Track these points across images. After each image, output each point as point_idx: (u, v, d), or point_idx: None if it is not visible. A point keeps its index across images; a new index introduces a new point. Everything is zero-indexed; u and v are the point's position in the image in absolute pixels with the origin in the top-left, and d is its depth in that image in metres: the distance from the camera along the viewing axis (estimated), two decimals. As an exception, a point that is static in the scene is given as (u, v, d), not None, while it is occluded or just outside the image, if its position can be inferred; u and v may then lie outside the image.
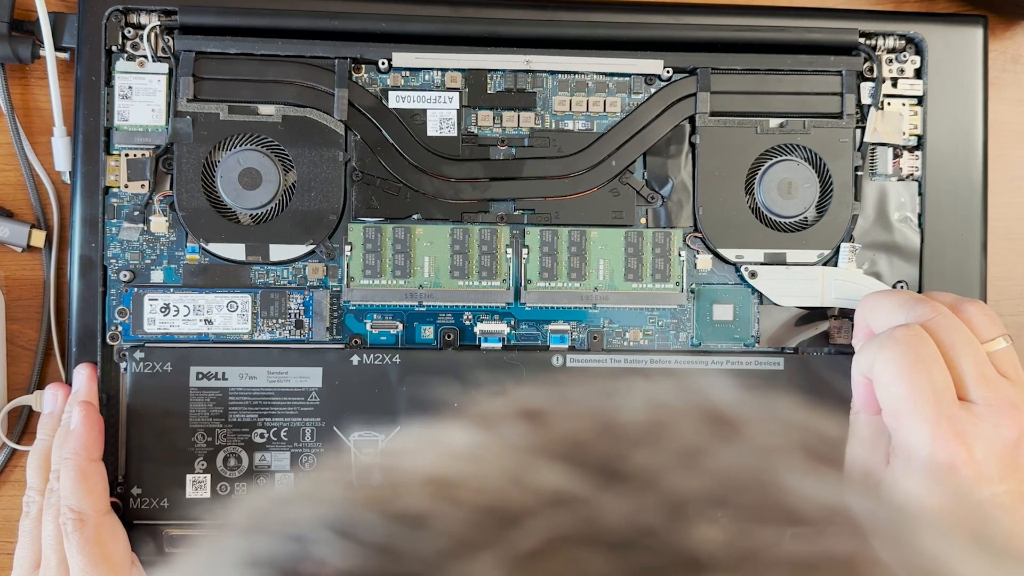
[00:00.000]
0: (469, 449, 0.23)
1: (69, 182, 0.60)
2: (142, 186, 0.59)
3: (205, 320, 0.59)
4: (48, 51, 0.59)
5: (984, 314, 0.53)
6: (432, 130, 0.60)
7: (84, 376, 0.58)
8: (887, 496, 0.23)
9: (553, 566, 0.19)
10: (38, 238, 0.61)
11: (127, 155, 0.59)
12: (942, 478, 0.49)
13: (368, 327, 0.60)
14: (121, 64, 0.59)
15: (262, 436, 0.59)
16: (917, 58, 0.62)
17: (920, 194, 0.62)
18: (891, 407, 0.51)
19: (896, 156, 0.62)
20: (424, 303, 0.60)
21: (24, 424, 0.61)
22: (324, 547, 0.21)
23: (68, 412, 0.57)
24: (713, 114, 0.61)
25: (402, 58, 0.60)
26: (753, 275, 0.61)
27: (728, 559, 0.20)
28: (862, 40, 0.62)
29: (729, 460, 0.22)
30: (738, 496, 0.21)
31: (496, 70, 0.61)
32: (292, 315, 0.60)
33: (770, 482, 0.22)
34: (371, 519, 0.21)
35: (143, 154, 0.59)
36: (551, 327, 0.60)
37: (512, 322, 0.61)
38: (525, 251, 0.60)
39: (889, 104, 0.62)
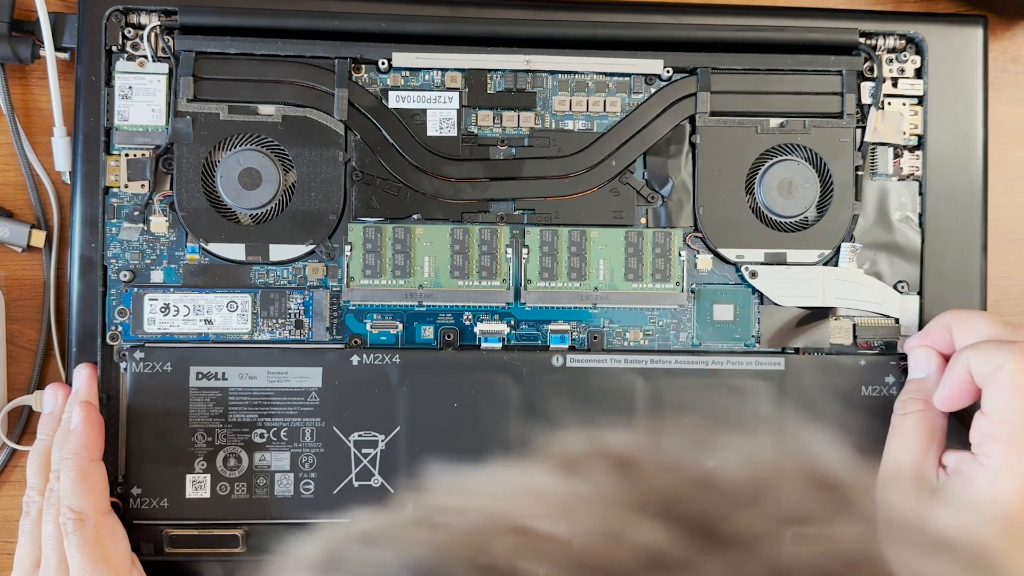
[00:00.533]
0: (556, 496, 0.22)
1: (69, 182, 0.60)
2: (142, 186, 0.59)
3: (205, 320, 0.59)
4: (48, 51, 0.59)
5: None
6: (432, 130, 0.60)
7: (84, 376, 0.58)
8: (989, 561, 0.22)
9: None
10: (38, 238, 0.61)
11: (127, 155, 0.59)
12: (1008, 508, 0.50)
13: (368, 327, 0.60)
14: (121, 64, 0.59)
15: (262, 436, 0.59)
16: (917, 58, 0.62)
17: (921, 194, 0.62)
18: (1001, 418, 0.52)
19: (896, 156, 0.62)
20: (424, 303, 0.60)
21: (24, 424, 0.61)
22: None
23: (68, 412, 0.57)
24: (713, 114, 0.61)
25: (402, 58, 0.60)
26: (753, 275, 0.61)
27: None
28: (862, 40, 0.62)
29: (839, 529, 0.21)
30: (848, 571, 0.20)
31: (496, 70, 0.61)
32: (292, 315, 0.60)
33: (880, 555, 0.21)
34: (456, 568, 0.20)
35: (143, 154, 0.59)
36: (551, 327, 0.60)
37: (512, 322, 0.61)
38: (525, 251, 0.60)
39: (889, 104, 0.62)
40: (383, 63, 0.60)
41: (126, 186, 0.59)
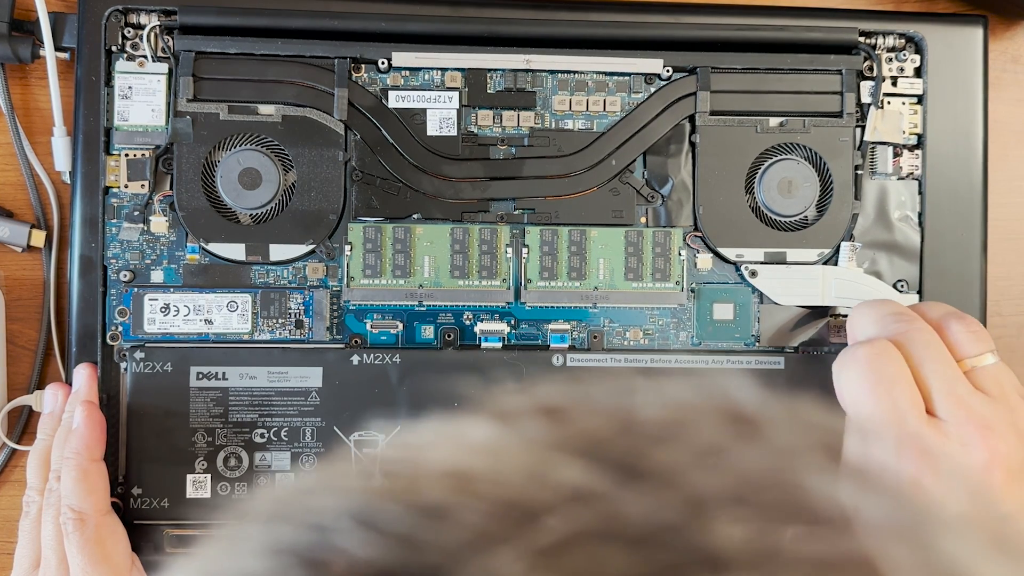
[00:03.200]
0: (488, 444, 0.23)
1: (69, 182, 0.60)
2: (142, 186, 0.59)
3: (205, 320, 0.59)
4: (48, 51, 0.59)
5: (969, 330, 0.52)
6: (432, 130, 0.60)
7: (84, 376, 0.58)
8: (907, 497, 0.23)
9: (573, 562, 0.19)
10: (38, 238, 0.61)
11: (127, 155, 0.59)
12: (907, 497, 0.49)
13: (368, 327, 0.60)
14: (121, 64, 0.59)
15: (262, 436, 0.59)
16: (917, 57, 0.62)
17: (920, 193, 0.62)
18: (857, 426, 0.51)
19: (896, 155, 0.62)
20: (424, 303, 0.60)
21: (24, 424, 0.61)
22: (345, 536, 0.21)
23: (69, 412, 0.57)
24: (713, 113, 0.61)
25: (402, 58, 0.60)
26: (753, 274, 0.61)
27: (748, 557, 0.20)
28: (862, 39, 0.62)
29: (750, 459, 0.22)
30: (759, 495, 0.21)
31: (496, 69, 0.61)
32: (292, 315, 0.60)
33: (792, 482, 0.22)
34: (392, 509, 0.21)
35: (143, 154, 0.59)
36: (551, 326, 0.60)
37: (512, 321, 0.61)
38: (525, 250, 0.60)
39: (889, 103, 0.62)
40: (383, 63, 0.60)
41: (126, 186, 0.59)
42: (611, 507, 0.21)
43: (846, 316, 0.61)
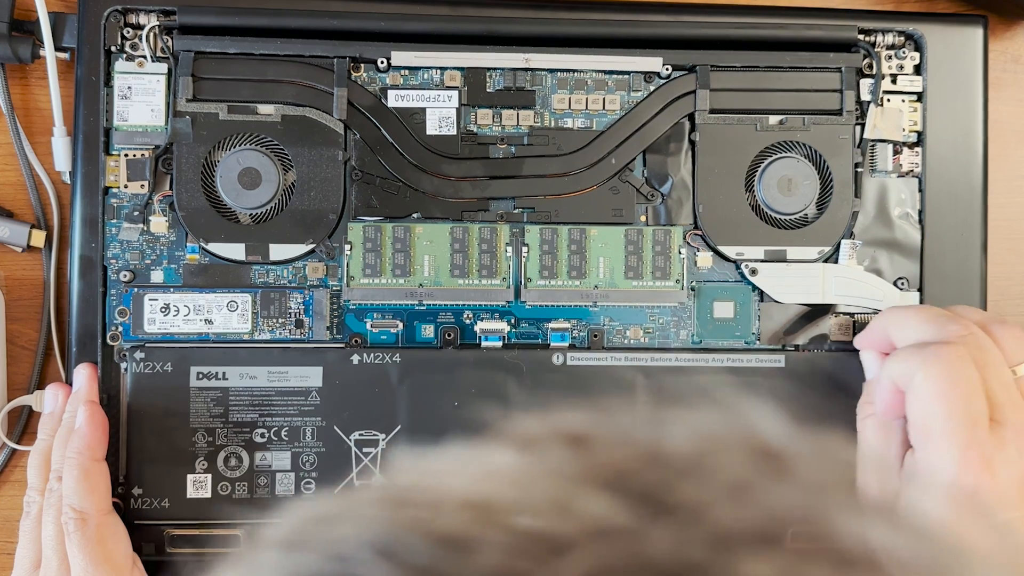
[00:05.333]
0: (512, 472, 0.23)
1: (69, 182, 0.60)
2: (142, 186, 0.59)
3: (205, 320, 0.59)
4: (48, 51, 0.59)
5: (1015, 336, 0.53)
6: (431, 129, 0.60)
7: (85, 376, 0.58)
8: (935, 532, 0.23)
9: None
10: (38, 238, 0.61)
11: (127, 155, 0.59)
12: (964, 503, 0.49)
13: (368, 326, 0.60)
14: (120, 64, 0.59)
15: (263, 436, 0.58)
16: (916, 54, 0.62)
17: (920, 190, 0.62)
18: (923, 424, 0.51)
19: (896, 152, 0.62)
20: (424, 302, 0.60)
21: (24, 424, 0.61)
22: (367, 567, 0.20)
23: (69, 412, 0.57)
24: (712, 111, 0.61)
25: (401, 57, 0.60)
26: (753, 272, 0.61)
27: None
28: (861, 37, 0.62)
29: (778, 496, 0.22)
30: (787, 533, 0.21)
31: (495, 68, 0.61)
32: (292, 314, 0.60)
33: (821, 520, 0.21)
34: (414, 541, 0.21)
35: (143, 154, 0.59)
36: (551, 325, 0.60)
37: (512, 320, 0.61)
38: (525, 249, 0.60)
39: (889, 100, 0.62)
40: (382, 62, 0.60)
41: (126, 186, 0.59)
42: (636, 543, 0.20)
43: (847, 314, 0.61)
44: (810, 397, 0.60)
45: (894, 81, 0.62)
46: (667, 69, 0.61)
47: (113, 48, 0.59)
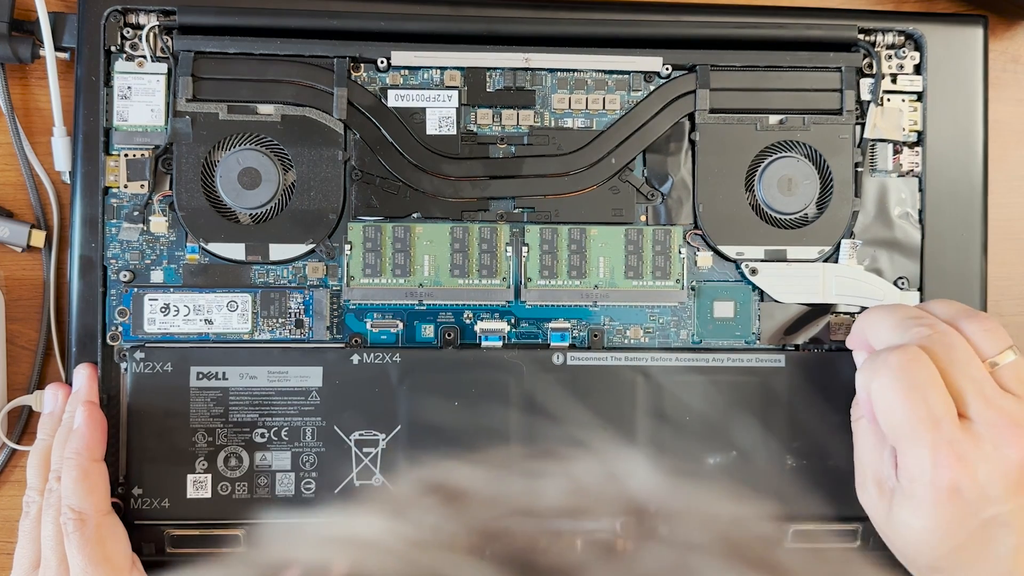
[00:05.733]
0: (383, 542, 0.22)
1: (69, 182, 0.60)
2: (142, 186, 0.59)
3: (205, 320, 0.59)
4: (48, 51, 0.59)
5: (986, 329, 0.52)
6: (431, 128, 0.60)
7: (84, 376, 0.58)
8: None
9: None
10: (38, 238, 0.61)
11: (126, 155, 0.59)
12: (944, 502, 0.49)
13: (368, 326, 0.60)
14: (120, 64, 0.59)
15: (263, 436, 0.58)
16: (916, 54, 0.62)
17: (920, 190, 0.62)
18: (890, 432, 0.51)
19: (896, 152, 0.62)
20: (424, 302, 0.60)
21: (24, 424, 0.61)
22: None
23: (69, 412, 0.57)
24: (712, 111, 0.61)
25: (401, 57, 0.60)
26: (754, 272, 0.61)
27: None
28: (861, 36, 0.62)
29: (648, 555, 0.22)
30: None
31: (495, 68, 0.61)
32: (292, 314, 0.60)
33: None
34: None
35: (142, 154, 0.59)
36: (551, 325, 0.60)
37: (512, 320, 0.61)
38: (525, 249, 0.60)
39: (889, 100, 0.62)
40: (382, 62, 0.60)
41: (126, 186, 0.59)
42: None
43: (847, 314, 0.61)
44: (810, 397, 0.60)
45: (894, 81, 0.62)
46: (667, 69, 0.61)
47: (113, 48, 0.59)
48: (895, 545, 0.53)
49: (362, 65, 0.60)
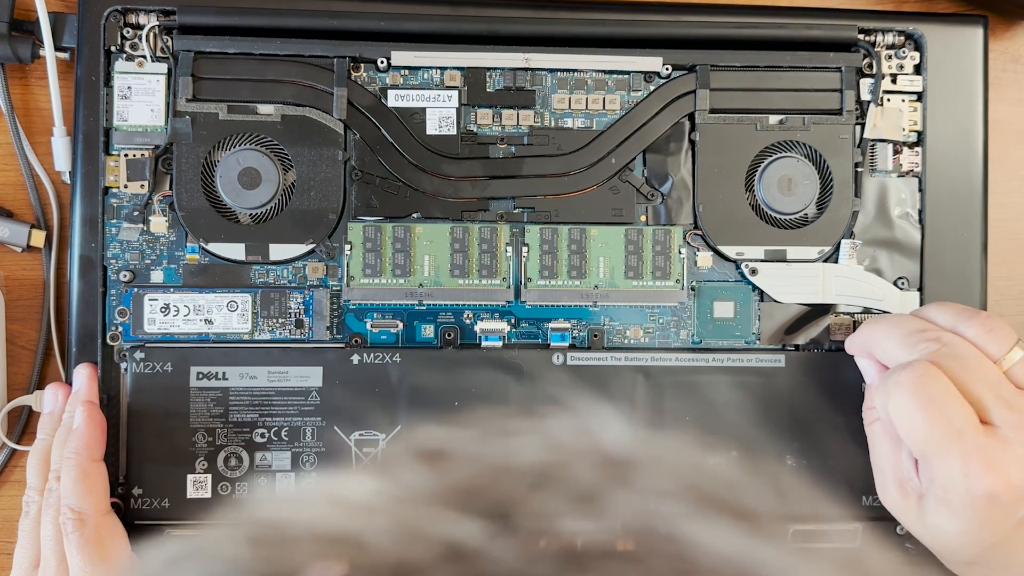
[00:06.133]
0: (364, 500, 0.22)
1: (69, 182, 0.60)
2: (142, 186, 0.59)
3: (205, 320, 0.59)
4: (48, 51, 0.59)
5: (989, 329, 0.52)
6: (431, 129, 0.60)
7: (84, 376, 0.58)
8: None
9: None
10: (38, 238, 0.61)
11: (126, 155, 0.59)
12: (981, 509, 0.49)
13: (368, 326, 0.60)
14: (120, 64, 0.59)
15: (263, 436, 0.58)
16: (916, 54, 0.62)
17: (920, 190, 0.62)
18: (917, 450, 0.51)
19: (896, 152, 0.62)
20: (424, 302, 0.60)
21: (24, 424, 0.61)
22: None
23: (69, 412, 0.57)
24: (712, 111, 0.61)
25: (401, 57, 0.60)
26: (754, 272, 0.61)
27: None
28: (861, 36, 0.62)
29: (621, 505, 0.22)
30: (632, 542, 0.21)
31: (495, 68, 0.61)
32: (292, 314, 0.60)
33: (662, 529, 0.21)
34: None
35: (142, 154, 0.59)
36: (551, 325, 0.60)
37: (512, 320, 0.61)
38: (525, 249, 0.60)
39: (889, 100, 0.62)
40: (382, 62, 0.60)
41: (126, 186, 0.59)
42: (486, 564, 0.20)
43: (847, 314, 0.61)
44: (810, 397, 0.60)
45: (894, 81, 0.62)
46: (667, 69, 0.61)
47: (113, 48, 0.59)
48: (929, 543, 0.53)
49: (362, 65, 0.60)
